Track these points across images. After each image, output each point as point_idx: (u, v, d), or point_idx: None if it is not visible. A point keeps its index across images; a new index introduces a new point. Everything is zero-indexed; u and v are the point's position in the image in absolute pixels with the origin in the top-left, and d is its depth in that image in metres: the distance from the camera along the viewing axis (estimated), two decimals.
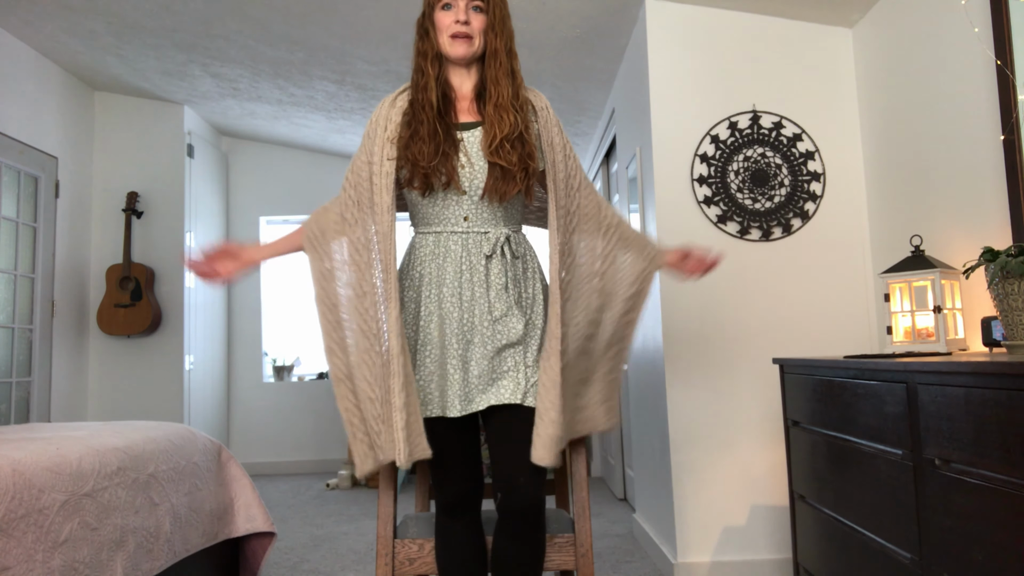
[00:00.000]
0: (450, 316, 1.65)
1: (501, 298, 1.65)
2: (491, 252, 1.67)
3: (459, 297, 1.65)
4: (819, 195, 2.98)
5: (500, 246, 1.67)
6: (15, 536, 1.67)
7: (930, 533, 1.56)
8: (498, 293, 1.65)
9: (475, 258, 1.66)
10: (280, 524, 4.06)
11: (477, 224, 1.68)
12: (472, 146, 1.67)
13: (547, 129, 1.74)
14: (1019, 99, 2.03)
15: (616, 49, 3.54)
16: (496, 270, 1.66)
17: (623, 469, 4.57)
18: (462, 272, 1.66)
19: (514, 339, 1.65)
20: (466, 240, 1.67)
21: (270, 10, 3.59)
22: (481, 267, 1.66)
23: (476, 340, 1.65)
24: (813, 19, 3.02)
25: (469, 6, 1.67)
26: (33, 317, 4.27)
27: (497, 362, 1.65)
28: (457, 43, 1.67)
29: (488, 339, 1.64)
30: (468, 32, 1.66)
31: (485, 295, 1.65)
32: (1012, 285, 1.77)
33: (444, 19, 1.68)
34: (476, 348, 1.65)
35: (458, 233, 1.68)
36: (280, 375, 6.03)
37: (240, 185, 6.10)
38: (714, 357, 2.94)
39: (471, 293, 1.65)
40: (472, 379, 1.64)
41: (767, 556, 2.87)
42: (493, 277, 1.66)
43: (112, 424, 2.62)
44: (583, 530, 1.87)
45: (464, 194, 1.67)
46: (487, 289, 1.65)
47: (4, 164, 4.04)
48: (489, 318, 1.64)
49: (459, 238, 1.67)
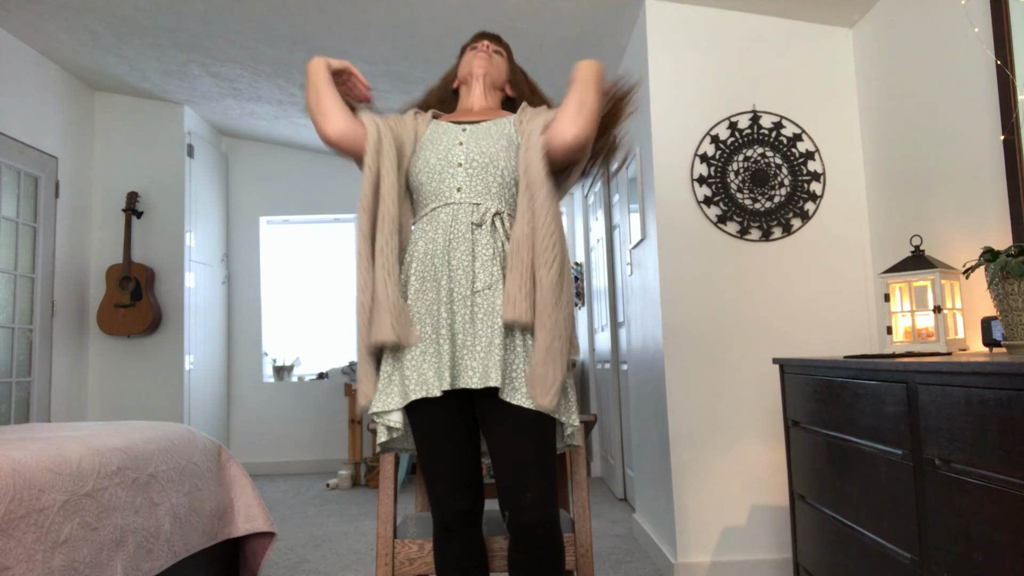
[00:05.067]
0: (440, 286, 1.61)
1: (486, 269, 1.61)
2: (480, 222, 1.64)
3: (447, 265, 1.62)
4: (819, 195, 2.98)
5: (490, 217, 1.65)
6: (15, 536, 1.67)
7: (930, 533, 1.56)
8: (483, 264, 1.61)
9: (463, 226, 1.64)
10: (280, 524, 4.06)
11: (470, 196, 1.68)
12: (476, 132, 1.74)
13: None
14: (1019, 99, 2.03)
15: (616, 49, 3.54)
16: (484, 240, 1.63)
17: (623, 469, 4.57)
18: (449, 240, 1.63)
19: (494, 314, 1.57)
20: (456, 210, 1.67)
21: (270, 10, 3.60)
22: (468, 235, 1.63)
23: (459, 312, 1.59)
24: (813, 19, 3.02)
25: (491, 48, 1.91)
26: (33, 317, 4.27)
27: (471, 337, 1.57)
28: (478, 56, 1.87)
29: (468, 310, 1.58)
30: (488, 54, 1.88)
31: (471, 264, 1.61)
32: (1012, 285, 1.77)
33: (469, 55, 1.91)
34: (458, 320, 1.58)
35: (450, 204, 1.68)
36: (280, 375, 6.03)
37: (240, 185, 6.10)
38: (714, 357, 2.94)
39: (457, 261, 1.61)
40: (458, 351, 1.57)
41: (767, 556, 2.87)
42: (480, 248, 1.63)
43: (112, 424, 2.62)
44: (583, 530, 1.88)
45: (460, 166, 1.69)
46: (473, 259, 1.62)
47: (4, 164, 4.04)
48: (470, 289, 1.60)
49: (450, 208, 1.67)
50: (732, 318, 2.95)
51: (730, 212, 2.97)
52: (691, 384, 2.93)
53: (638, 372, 3.60)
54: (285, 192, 6.11)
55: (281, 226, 6.32)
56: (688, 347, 2.94)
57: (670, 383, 2.93)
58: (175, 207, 5.07)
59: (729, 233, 2.98)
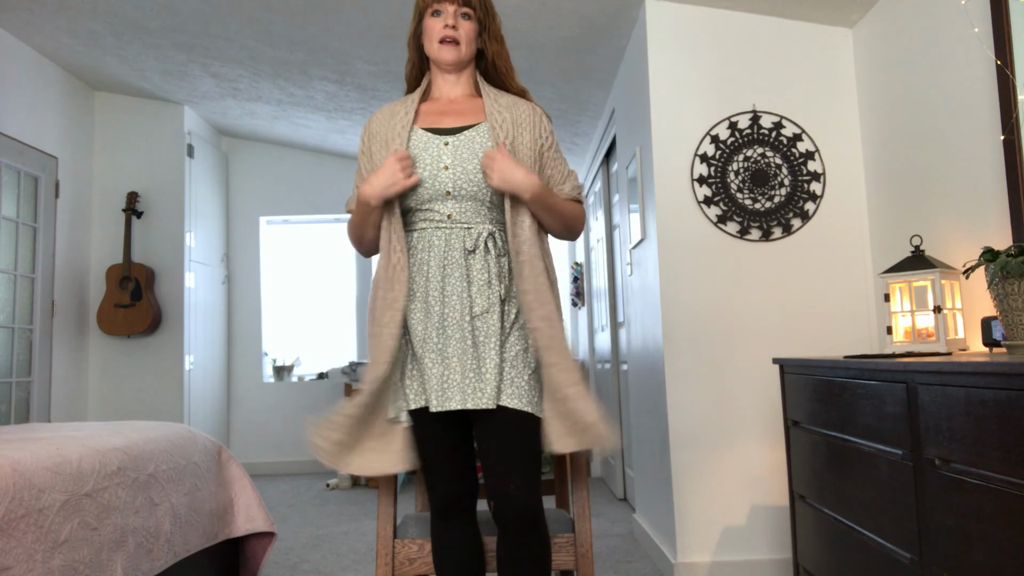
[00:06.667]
0: (432, 311, 1.64)
1: (483, 293, 1.64)
2: (473, 247, 1.66)
3: (441, 292, 1.64)
4: (819, 195, 2.98)
5: (483, 241, 1.67)
6: (15, 536, 1.67)
7: (930, 533, 1.56)
8: (480, 288, 1.64)
9: (456, 252, 1.66)
10: (280, 524, 4.06)
11: (460, 220, 1.68)
12: (458, 149, 1.68)
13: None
14: (1019, 99, 2.03)
15: (616, 49, 3.54)
16: (478, 265, 1.66)
17: (623, 469, 4.57)
18: (444, 267, 1.65)
19: (493, 336, 1.63)
20: (448, 235, 1.67)
21: (270, 10, 3.59)
22: (462, 262, 1.65)
23: (456, 336, 1.62)
24: (813, 19, 3.02)
25: (458, 13, 1.71)
26: (33, 317, 4.27)
27: (475, 360, 1.62)
28: (446, 49, 1.72)
29: (468, 335, 1.62)
30: (456, 37, 1.71)
31: (466, 290, 1.64)
32: (1012, 285, 1.77)
33: (434, 25, 1.72)
34: (455, 344, 1.62)
35: (442, 228, 1.68)
36: (280, 375, 6.03)
37: (240, 185, 6.10)
38: (714, 357, 2.94)
39: (452, 288, 1.64)
40: (452, 376, 1.61)
41: (767, 556, 2.87)
42: (475, 273, 1.65)
43: (112, 424, 2.62)
44: (583, 530, 1.88)
45: (448, 195, 1.67)
46: (468, 284, 1.64)
47: (4, 164, 4.04)
48: (469, 315, 1.63)
49: (442, 233, 1.67)
50: (732, 318, 2.95)
51: (730, 212, 2.97)
52: (691, 384, 2.93)
53: (638, 372, 3.60)
54: (285, 192, 6.11)
55: (281, 226, 6.33)
56: (688, 347, 2.94)
57: (670, 383, 2.93)
58: (175, 207, 5.07)
59: (729, 233, 2.98)
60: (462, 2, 1.71)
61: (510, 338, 1.66)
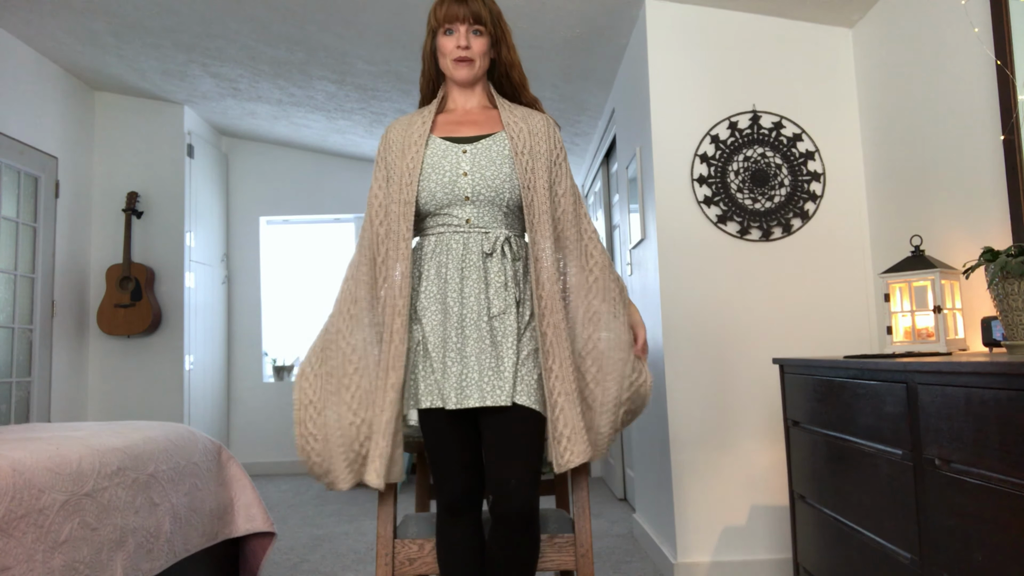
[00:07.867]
0: (450, 311, 1.70)
1: (500, 296, 1.70)
2: (491, 250, 1.72)
3: (460, 293, 1.70)
4: (819, 195, 2.98)
5: (500, 245, 1.73)
6: (15, 536, 1.67)
7: (930, 533, 1.56)
8: (497, 291, 1.70)
9: (475, 255, 1.72)
10: (280, 524, 4.06)
11: (479, 224, 1.74)
12: (477, 156, 1.74)
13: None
14: (1019, 99, 2.03)
15: (616, 49, 3.54)
16: (495, 268, 1.72)
17: (623, 469, 4.57)
18: (462, 269, 1.71)
19: (511, 336, 1.68)
20: (467, 239, 1.73)
21: (270, 10, 3.59)
22: (480, 264, 1.71)
23: (473, 336, 1.68)
24: (813, 19, 3.02)
25: (469, 31, 1.77)
26: (33, 317, 4.27)
27: (494, 359, 1.67)
28: (460, 67, 1.78)
29: (486, 335, 1.68)
30: (470, 56, 1.77)
31: (484, 292, 1.70)
32: (1012, 285, 1.77)
33: (447, 44, 1.79)
34: (472, 343, 1.67)
35: (460, 232, 1.73)
36: (280, 375, 6.03)
37: (240, 185, 6.09)
38: (714, 357, 2.94)
39: (470, 289, 1.70)
40: (470, 374, 1.67)
41: (767, 556, 2.87)
42: (492, 275, 1.71)
43: (112, 424, 2.62)
44: (583, 530, 1.87)
45: (467, 200, 1.73)
46: (486, 286, 1.70)
47: (4, 164, 4.04)
48: (487, 315, 1.68)
49: (460, 236, 1.73)
50: (732, 318, 2.95)
51: (730, 212, 2.97)
52: (691, 384, 2.93)
53: None
54: (285, 192, 6.11)
55: (281, 226, 6.33)
56: (688, 347, 2.94)
57: (670, 383, 2.93)
58: (175, 207, 5.07)
59: (729, 233, 2.98)
60: (473, 20, 1.76)
61: (523, 339, 1.71)
